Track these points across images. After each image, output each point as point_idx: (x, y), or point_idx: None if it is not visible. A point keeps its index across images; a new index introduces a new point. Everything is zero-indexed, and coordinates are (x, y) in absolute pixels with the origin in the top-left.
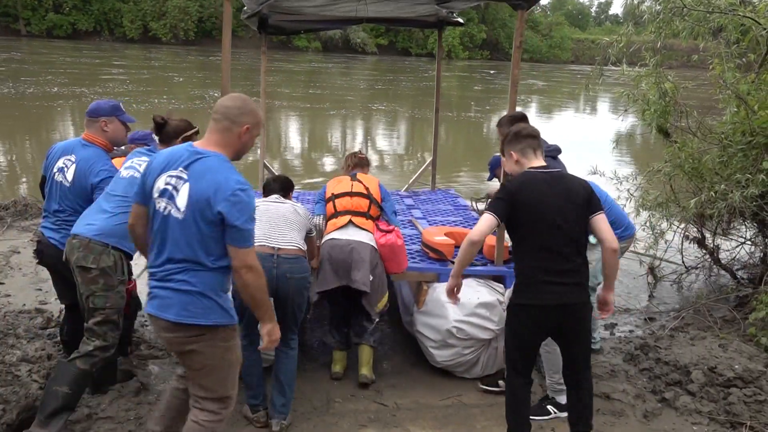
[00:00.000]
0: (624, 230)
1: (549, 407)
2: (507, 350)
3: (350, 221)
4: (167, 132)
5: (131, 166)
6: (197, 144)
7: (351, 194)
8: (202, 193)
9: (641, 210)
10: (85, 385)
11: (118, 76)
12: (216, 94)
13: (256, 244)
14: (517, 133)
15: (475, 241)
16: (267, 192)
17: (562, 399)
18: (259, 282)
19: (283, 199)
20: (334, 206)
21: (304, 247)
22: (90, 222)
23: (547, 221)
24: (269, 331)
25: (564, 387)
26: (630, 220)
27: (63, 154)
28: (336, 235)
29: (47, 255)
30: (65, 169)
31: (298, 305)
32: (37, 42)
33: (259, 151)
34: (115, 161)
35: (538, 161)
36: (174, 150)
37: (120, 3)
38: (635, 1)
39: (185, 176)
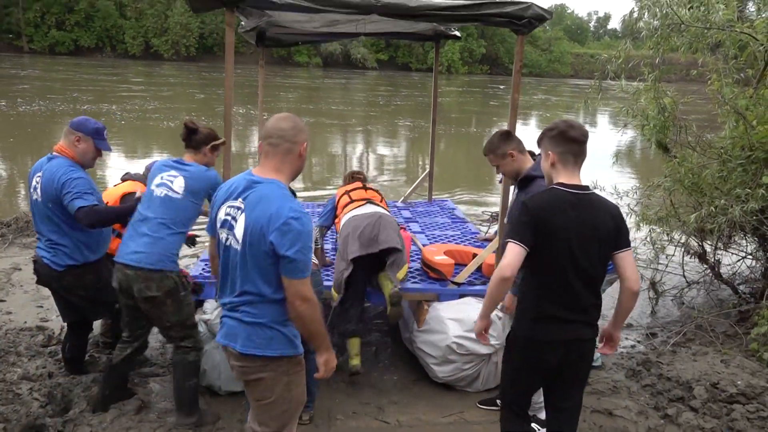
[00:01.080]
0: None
1: (533, 425)
2: (503, 387)
3: (369, 201)
4: (197, 139)
5: (163, 183)
6: (256, 171)
7: (365, 188)
8: (256, 223)
9: (642, 224)
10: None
11: (140, 93)
12: (241, 110)
13: None
14: (563, 132)
15: (507, 277)
16: None
17: (543, 415)
18: (314, 314)
19: None
20: (350, 197)
21: (315, 260)
22: (136, 250)
23: (565, 254)
24: (326, 360)
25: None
26: None
27: (35, 172)
28: (357, 211)
29: (43, 275)
30: (37, 186)
31: None
32: (41, 58)
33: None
34: (131, 184)
35: (573, 176)
36: (235, 179)
37: (122, 19)
38: (634, 16)
39: (242, 206)
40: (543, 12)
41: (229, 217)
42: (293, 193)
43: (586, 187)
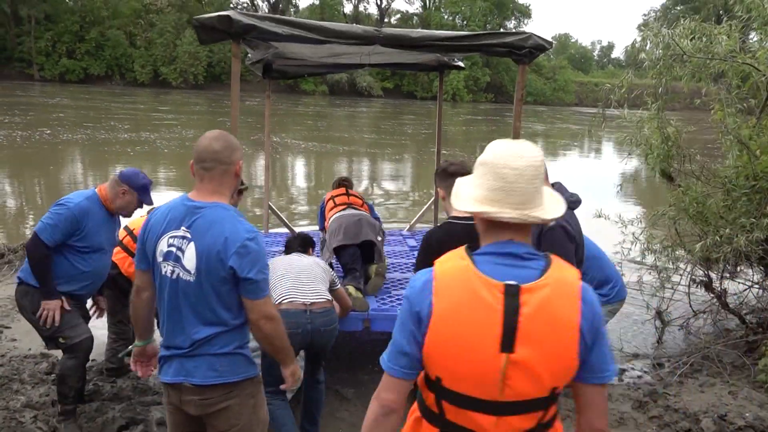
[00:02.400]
0: (611, 289)
1: None
2: None
3: (349, 205)
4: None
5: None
6: (193, 195)
7: (347, 195)
8: (211, 249)
9: (647, 253)
10: None
11: (172, 121)
12: (253, 137)
13: (285, 299)
14: (445, 169)
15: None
16: (288, 250)
17: None
18: (279, 330)
19: (304, 254)
20: (334, 202)
21: (330, 297)
22: None
23: None
24: (293, 372)
25: None
26: (622, 283)
27: None
28: (340, 214)
29: None
30: None
31: (328, 348)
32: (53, 86)
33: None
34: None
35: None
36: (171, 207)
37: (132, 48)
38: (637, 45)
39: (189, 235)
40: (543, 42)
41: (173, 248)
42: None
43: None
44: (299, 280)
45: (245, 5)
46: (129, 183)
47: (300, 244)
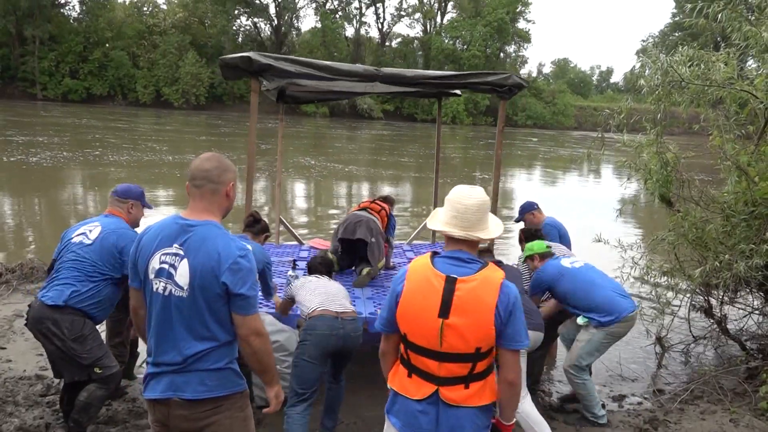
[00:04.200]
0: (604, 316)
1: None
2: None
3: (365, 209)
4: (259, 227)
5: None
6: (185, 214)
7: (371, 201)
8: (205, 265)
9: (647, 278)
10: None
11: (207, 143)
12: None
13: (319, 308)
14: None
15: None
16: (312, 271)
17: None
18: (267, 347)
19: (328, 278)
20: (359, 206)
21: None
22: None
23: None
24: (277, 393)
25: None
26: (618, 303)
27: (87, 222)
28: (355, 212)
29: (31, 314)
30: (88, 233)
31: (354, 353)
32: (54, 105)
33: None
34: None
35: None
36: (163, 225)
37: (134, 69)
38: (636, 71)
39: (182, 252)
40: (521, 81)
41: (166, 266)
42: None
43: None
44: (329, 297)
45: (248, 28)
46: (130, 197)
47: (326, 270)
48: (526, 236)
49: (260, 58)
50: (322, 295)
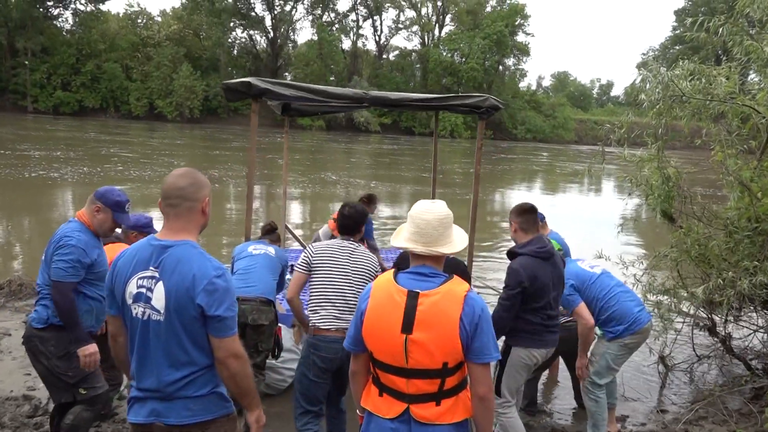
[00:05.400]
0: (615, 326)
1: None
2: None
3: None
4: (276, 236)
5: (259, 249)
6: (160, 235)
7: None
8: (179, 287)
9: (648, 296)
10: None
11: (224, 158)
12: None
13: (322, 324)
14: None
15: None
16: (342, 231)
17: None
18: (246, 370)
19: (352, 249)
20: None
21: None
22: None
23: None
24: (258, 418)
25: None
26: (633, 313)
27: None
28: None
29: (24, 335)
30: (50, 244)
31: None
32: (47, 119)
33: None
34: (111, 247)
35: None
36: (138, 247)
37: (127, 81)
38: (637, 85)
39: (157, 274)
40: (497, 102)
41: (143, 289)
42: None
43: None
44: (337, 302)
45: (243, 40)
46: (101, 200)
47: (354, 227)
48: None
49: (259, 83)
50: (330, 301)
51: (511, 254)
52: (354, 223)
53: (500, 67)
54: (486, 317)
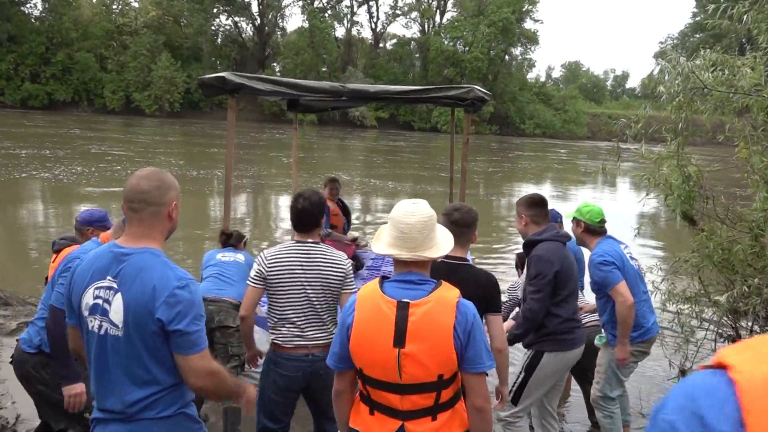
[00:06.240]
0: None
1: None
2: None
3: None
4: (236, 238)
5: (227, 257)
6: (121, 241)
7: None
8: (138, 299)
9: (668, 305)
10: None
11: (216, 155)
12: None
13: (282, 337)
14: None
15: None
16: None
17: None
18: (223, 383)
19: (309, 252)
20: None
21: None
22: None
23: None
24: (248, 398)
25: None
26: (648, 318)
27: None
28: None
29: (14, 357)
30: None
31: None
32: (14, 113)
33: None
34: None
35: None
36: (97, 254)
37: (102, 72)
38: (654, 75)
39: (114, 285)
40: (483, 94)
41: (99, 301)
42: None
43: (462, 258)
44: (300, 316)
45: (228, 28)
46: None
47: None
48: (522, 263)
49: (233, 77)
50: (288, 320)
51: (530, 244)
52: (311, 217)
53: (506, 57)
54: (478, 324)
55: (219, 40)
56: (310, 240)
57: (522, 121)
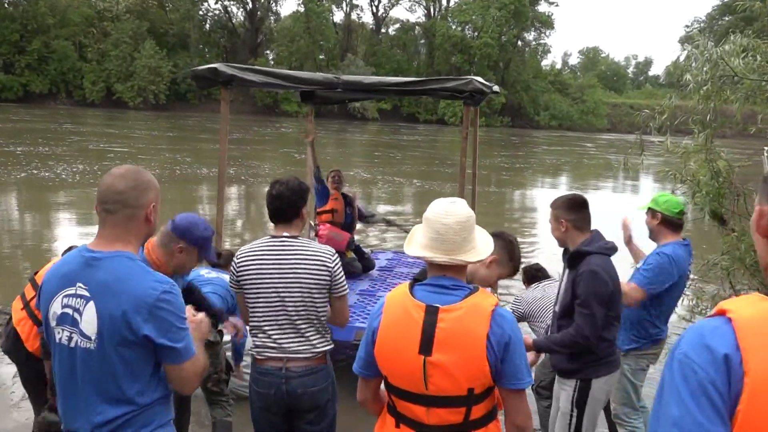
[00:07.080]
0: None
1: None
2: None
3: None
4: (222, 262)
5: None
6: (93, 245)
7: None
8: (115, 310)
9: (695, 312)
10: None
11: (236, 154)
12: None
13: (259, 354)
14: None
15: None
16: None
17: None
18: (205, 368)
19: (284, 249)
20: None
21: (325, 347)
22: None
23: None
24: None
25: None
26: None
27: None
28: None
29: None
30: None
31: (318, 418)
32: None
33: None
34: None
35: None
36: (66, 259)
37: (81, 62)
38: (680, 62)
39: (86, 293)
40: (483, 86)
41: (69, 310)
42: None
43: None
44: (276, 324)
45: (217, 13)
46: (186, 237)
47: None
48: (528, 278)
49: (225, 69)
50: (260, 329)
51: (579, 255)
52: (288, 205)
53: (519, 43)
54: (517, 337)
55: (207, 26)
56: (286, 234)
57: (536, 112)
